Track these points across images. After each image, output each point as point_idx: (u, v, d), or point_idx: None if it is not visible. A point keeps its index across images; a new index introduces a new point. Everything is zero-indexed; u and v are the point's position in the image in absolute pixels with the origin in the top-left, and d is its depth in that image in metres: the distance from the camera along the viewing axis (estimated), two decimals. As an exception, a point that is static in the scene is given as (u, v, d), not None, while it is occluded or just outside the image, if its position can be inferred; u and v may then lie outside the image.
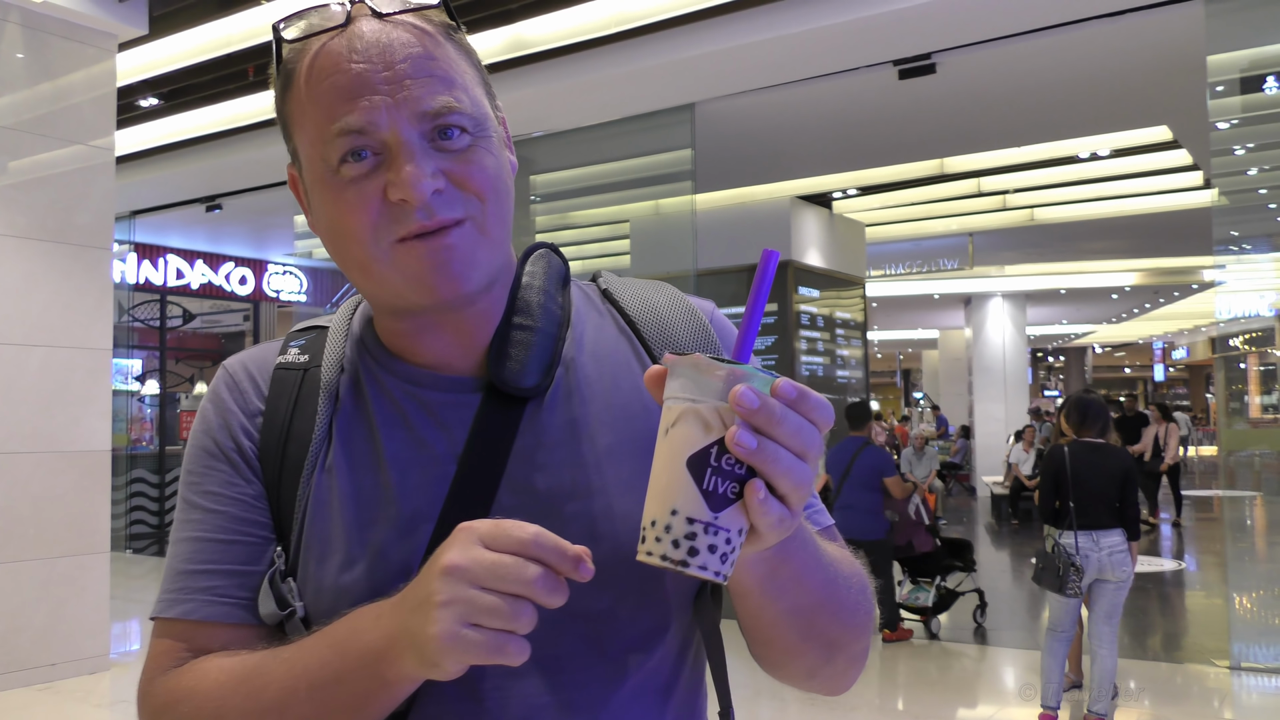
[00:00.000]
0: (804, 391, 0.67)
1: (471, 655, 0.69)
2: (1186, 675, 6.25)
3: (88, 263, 6.09)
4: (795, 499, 0.68)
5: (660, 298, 1.01)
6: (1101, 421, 5.10)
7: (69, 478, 5.92)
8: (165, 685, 0.87)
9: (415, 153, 0.81)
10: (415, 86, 0.82)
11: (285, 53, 0.86)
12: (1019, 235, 13.69)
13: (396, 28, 0.84)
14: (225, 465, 0.93)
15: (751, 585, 0.79)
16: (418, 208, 0.82)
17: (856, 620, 0.89)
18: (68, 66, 6.09)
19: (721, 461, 0.67)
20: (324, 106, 0.83)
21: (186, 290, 13.82)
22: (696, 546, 0.67)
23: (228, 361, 1.00)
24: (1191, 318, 26.75)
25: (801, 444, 0.67)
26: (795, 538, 0.78)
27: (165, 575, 0.92)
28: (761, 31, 6.08)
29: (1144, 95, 7.72)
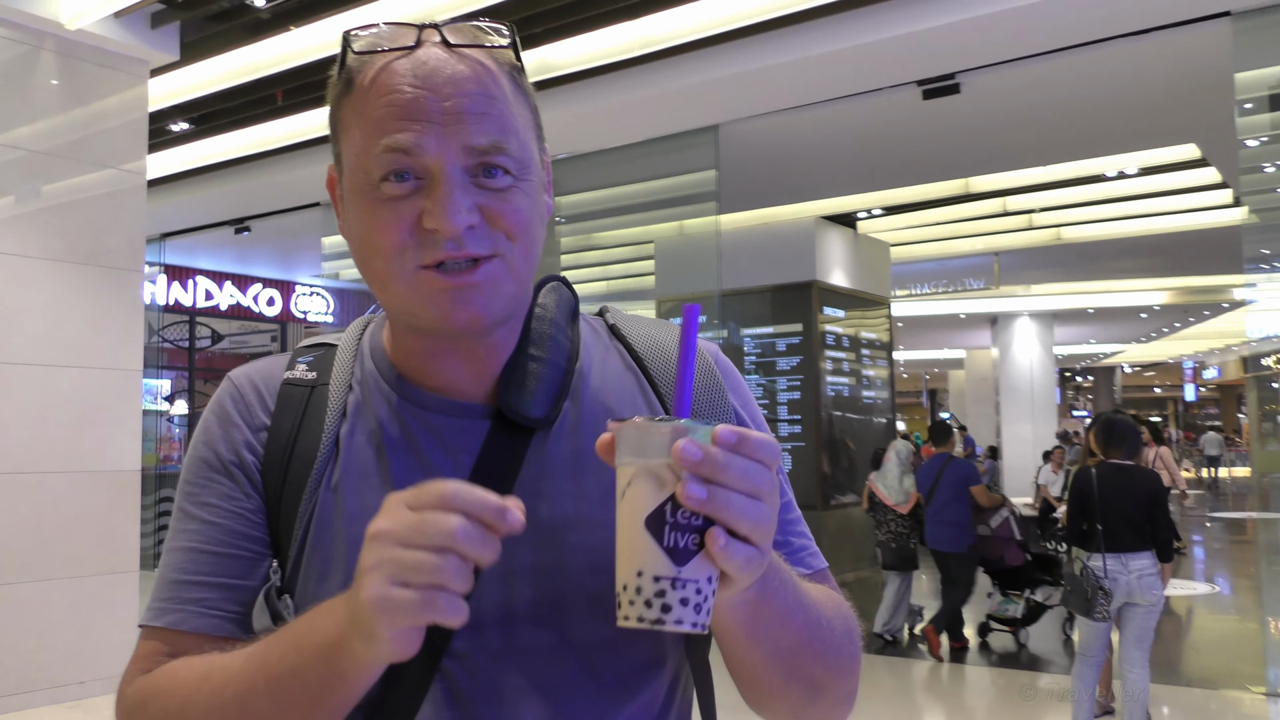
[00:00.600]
0: (743, 435, 0.68)
1: (402, 615, 0.68)
2: (1221, 702, 6.14)
3: (118, 285, 6.17)
4: (758, 537, 0.69)
5: (667, 336, 1.02)
6: (1129, 442, 5.04)
7: (99, 497, 5.98)
8: (139, 685, 0.87)
9: (455, 185, 0.82)
10: (469, 121, 0.83)
11: (349, 60, 0.87)
12: (1045, 254, 13.60)
13: (462, 61, 0.85)
14: (225, 478, 0.93)
15: (734, 628, 0.79)
16: (448, 239, 0.83)
17: (840, 662, 0.89)
18: (100, 92, 6.19)
19: (678, 516, 0.68)
20: (376, 121, 0.84)
21: (215, 311, 13.96)
22: (668, 603, 0.68)
23: (233, 374, 1.00)
24: (1222, 337, 26.46)
25: (751, 485, 0.68)
26: (775, 580, 0.78)
27: (156, 584, 0.92)
28: (785, 53, 6.10)
29: (1171, 113, 7.67)
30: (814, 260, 10.95)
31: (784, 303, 11.06)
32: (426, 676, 0.85)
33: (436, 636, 0.84)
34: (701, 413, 0.96)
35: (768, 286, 11.13)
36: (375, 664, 0.74)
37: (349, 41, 0.87)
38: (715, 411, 0.97)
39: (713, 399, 0.97)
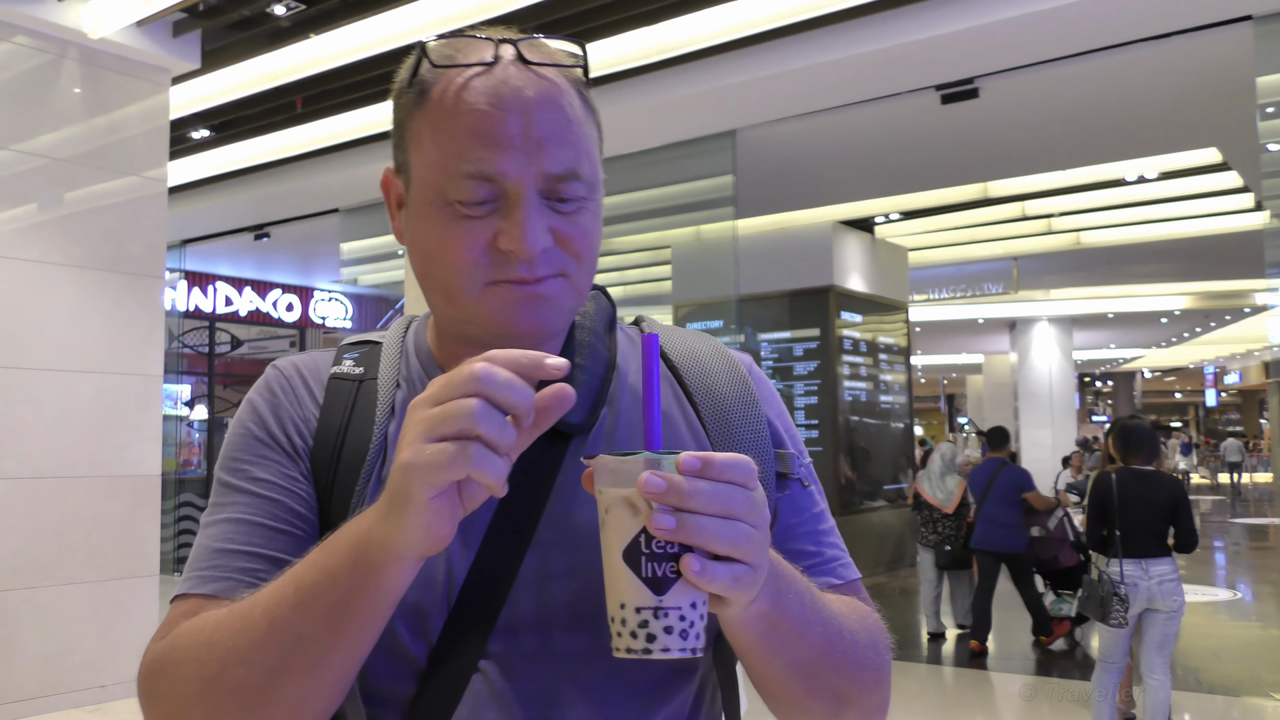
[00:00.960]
0: (708, 459, 0.68)
1: (437, 469, 0.67)
2: (1243, 709, 6.09)
3: (140, 291, 6.22)
4: (742, 555, 0.69)
5: (703, 346, 1.03)
6: (1148, 448, 5.01)
7: (120, 502, 6.03)
8: (167, 638, 0.84)
9: (533, 210, 0.84)
10: (549, 146, 0.84)
11: (424, 71, 0.88)
12: (1065, 259, 13.53)
13: (541, 80, 0.85)
14: (281, 455, 0.92)
15: (751, 642, 0.80)
16: (523, 262, 0.84)
17: (865, 674, 0.89)
18: (122, 100, 6.25)
19: (652, 546, 0.68)
20: (458, 142, 0.84)
21: (235, 317, 14.05)
22: (653, 633, 0.68)
23: (278, 362, 0.99)
24: (1244, 342, 26.25)
25: (723, 507, 0.68)
26: (790, 592, 0.79)
27: (195, 555, 0.89)
28: (803, 58, 6.10)
29: (1192, 117, 7.62)
30: (831, 265, 10.93)
31: (801, 308, 11.05)
32: (463, 677, 0.85)
33: (473, 636, 0.85)
34: (735, 424, 0.97)
35: (785, 291, 11.11)
36: (407, 550, 0.72)
37: (426, 53, 0.87)
38: (748, 423, 0.97)
39: (746, 410, 0.98)
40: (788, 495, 0.98)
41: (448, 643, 0.85)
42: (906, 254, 12.71)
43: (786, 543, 0.95)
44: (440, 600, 0.85)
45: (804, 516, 0.98)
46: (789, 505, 0.97)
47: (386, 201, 0.95)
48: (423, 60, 0.87)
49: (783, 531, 0.96)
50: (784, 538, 0.96)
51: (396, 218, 0.94)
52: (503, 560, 0.87)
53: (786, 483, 0.98)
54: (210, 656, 0.78)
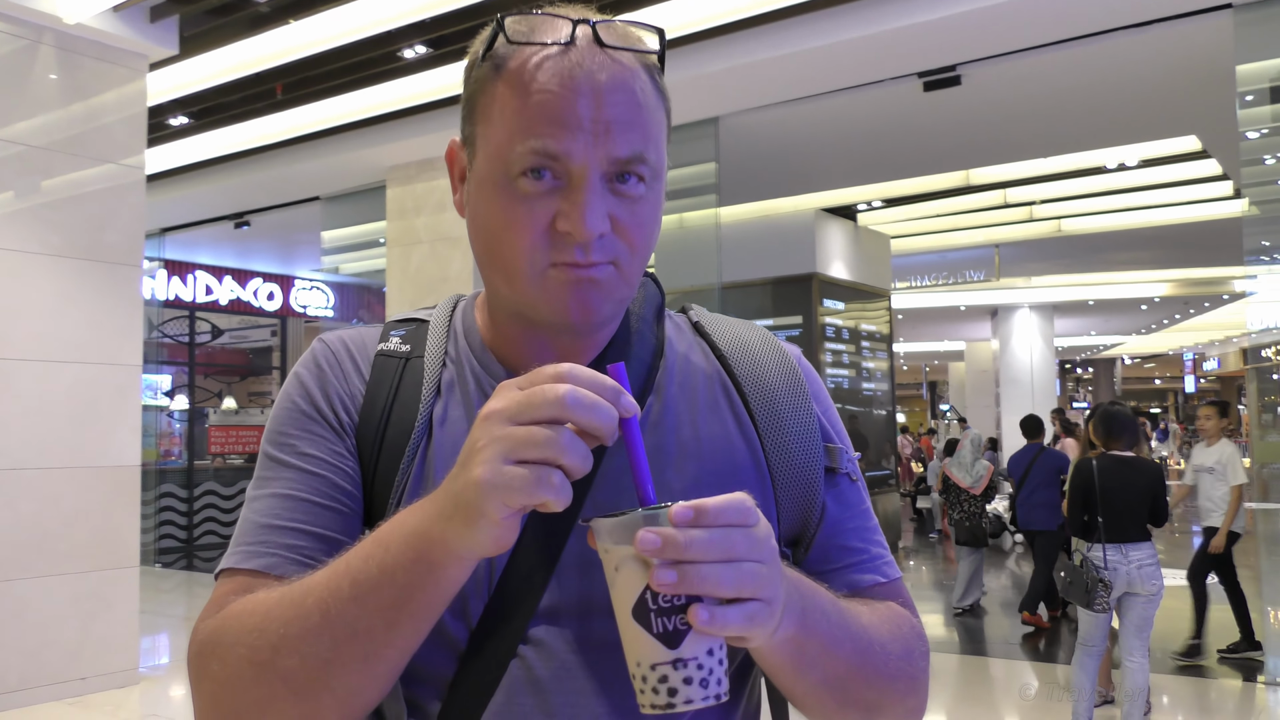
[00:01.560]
0: (700, 507, 0.67)
1: (515, 493, 0.68)
2: (1221, 690, 6.15)
3: (118, 280, 6.16)
4: (752, 593, 0.69)
5: (752, 335, 1.03)
6: (1129, 434, 5.04)
7: (99, 493, 5.99)
8: (217, 617, 0.84)
9: (594, 193, 0.83)
10: (616, 130, 0.83)
11: (499, 45, 0.87)
12: (1046, 246, 13.60)
13: (615, 64, 0.84)
14: (328, 431, 0.92)
15: (779, 664, 0.80)
16: (578, 245, 0.84)
17: (898, 684, 0.89)
18: (99, 87, 6.18)
19: (659, 602, 0.68)
20: (526, 119, 0.83)
21: (215, 306, 13.96)
22: (673, 686, 0.68)
23: (326, 336, 0.99)
24: (1223, 328, 26.45)
25: (723, 552, 0.67)
26: (815, 611, 0.80)
27: (241, 530, 0.89)
28: (785, 45, 6.09)
29: (1172, 105, 7.66)
30: (814, 252, 10.95)
31: (784, 295, 11.06)
32: (503, 660, 0.85)
33: (514, 621, 0.85)
34: (785, 416, 0.96)
35: (768, 279, 11.12)
36: (470, 554, 0.73)
37: (503, 27, 0.85)
38: (798, 415, 0.97)
39: (796, 402, 0.98)
40: (836, 491, 0.97)
41: (488, 627, 0.85)
42: (889, 241, 12.74)
43: (835, 539, 0.96)
44: (483, 583, 0.85)
45: (853, 512, 0.98)
46: (837, 501, 0.97)
47: (450, 173, 0.96)
48: (499, 35, 0.86)
49: (831, 527, 0.96)
50: (832, 533, 0.96)
51: (458, 190, 0.94)
52: (545, 546, 0.86)
53: (835, 478, 0.97)
54: (262, 642, 0.78)
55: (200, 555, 12.15)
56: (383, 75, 7.21)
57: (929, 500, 14.20)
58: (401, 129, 7.85)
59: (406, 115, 7.64)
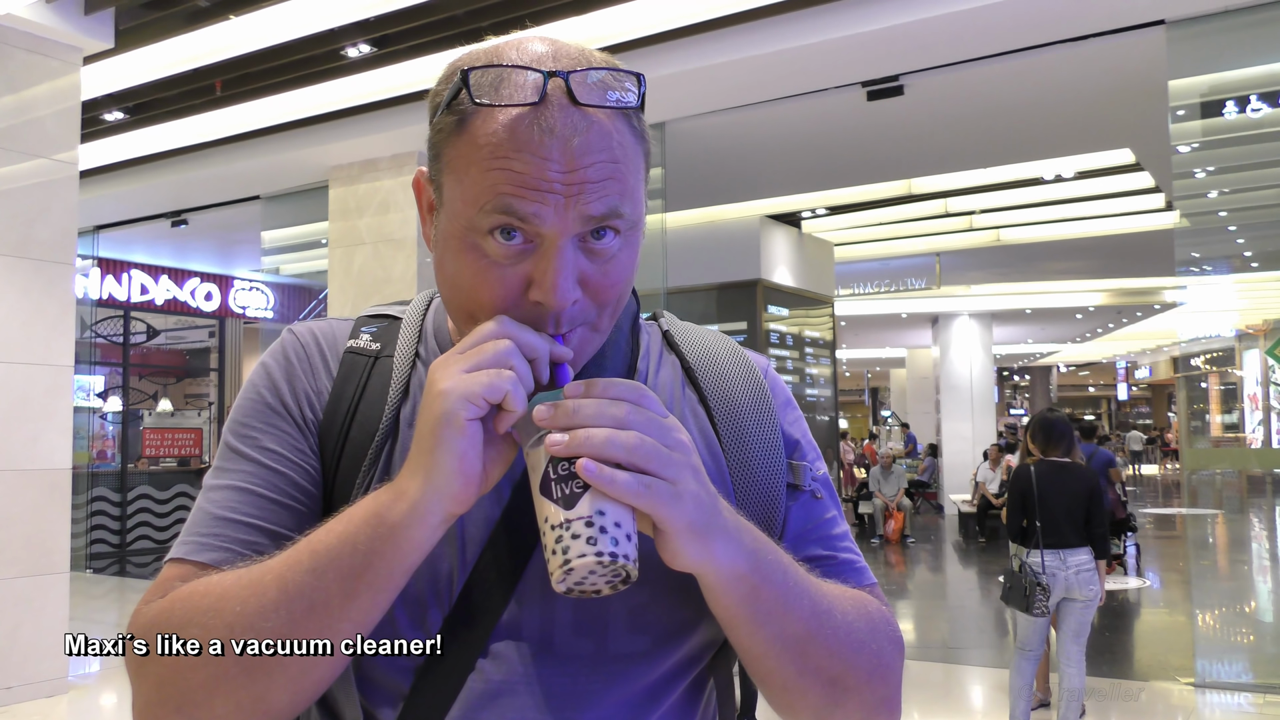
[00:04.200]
0: (590, 381, 0.75)
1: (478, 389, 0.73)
2: (1152, 693, 6.29)
3: (49, 278, 6.00)
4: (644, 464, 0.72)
5: (720, 347, 1.02)
6: (1066, 441, 5.13)
7: (28, 496, 5.81)
8: (163, 600, 0.81)
9: (565, 261, 0.79)
10: (590, 191, 0.79)
11: (463, 101, 0.81)
12: (985, 255, 13.84)
13: (589, 122, 0.80)
14: (290, 427, 0.90)
15: (734, 609, 0.80)
16: (551, 316, 0.81)
17: (861, 659, 0.87)
18: (31, 79, 6.02)
19: (558, 470, 0.72)
20: (491, 180, 0.79)
21: (151, 306, 13.66)
22: (566, 544, 0.71)
23: (296, 328, 0.97)
24: (1154, 338, 27.13)
25: (612, 419, 0.72)
26: (769, 559, 0.80)
27: (194, 519, 0.88)
28: (731, 52, 6.12)
29: (1107, 119, 7.84)
30: (759, 259, 11.02)
31: (729, 301, 11.12)
32: (462, 673, 0.84)
33: (473, 634, 0.84)
34: (748, 429, 0.96)
35: (713, 285, 11.17)
36: (436, 504, 0.74)
37: (467, 85, 0.80)
38: (762, 429, 0.96)
39: (760, 416, 0.97)
40: (799, 505, 0.97)
41: (447, 639, 0.84)
42: (832, 249, 12.87)
43: (798, 549, 0.94)
44: (444, 594, 0.85)
45: (815, 523, 0.97)
46: (799, 513, 0.97)
47: (418, 203, 0.91)
48: (464, 90, 0.81)
49: (794, 538, 0.96)
50: (795, 545, 0.95)
51: (427, 222, 0.90)
52: (508, 560, 0.86)
53: (798, 494, 0.97)
54: (216, 622, 0.76)
55: (133, 560, 11.85)
56: (325, 74, 7.11)
57: (871, 506, 14.34)
58: (344, 129, 7.75)
59: (349, 115, 7.55)
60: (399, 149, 8.00)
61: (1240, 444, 19.36)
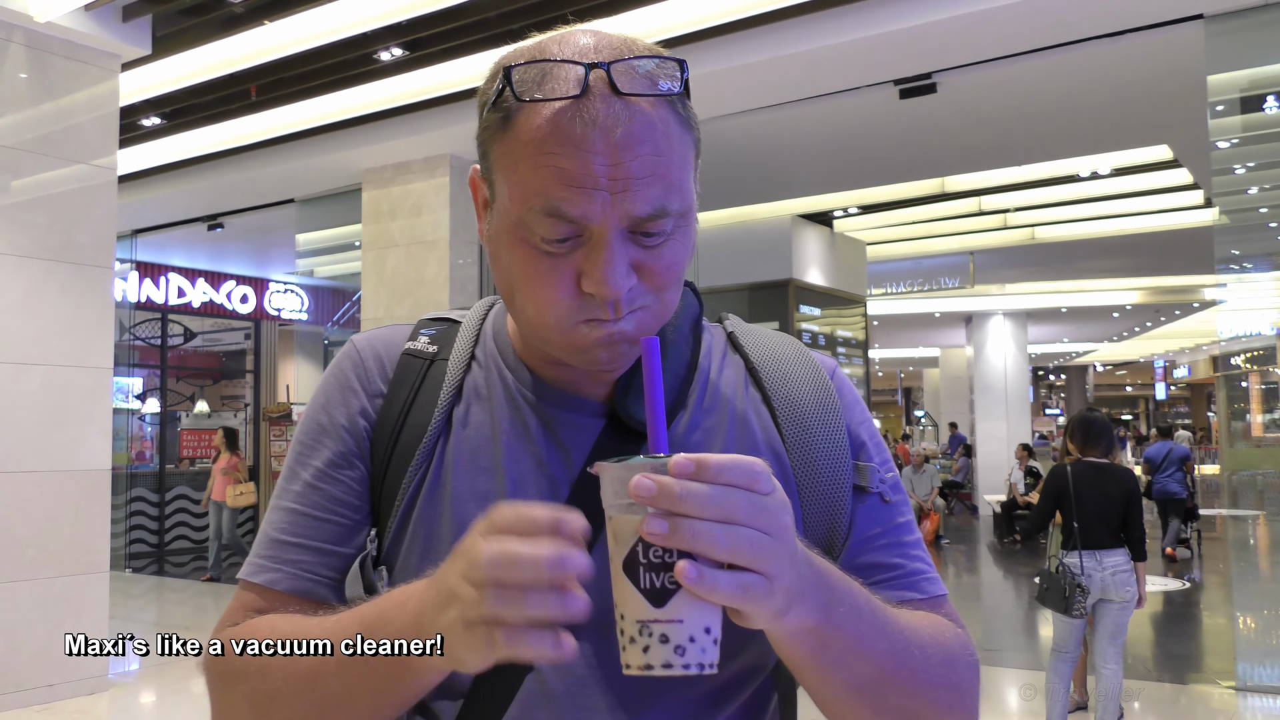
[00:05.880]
0: (702, 461, 0.64)
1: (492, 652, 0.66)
2: (1191, 696, 6.21)
3: (89, 281, 6.09)
4: (750, 563, 0.64)
5: (786, 349, 1.01)
6: (1105, 441, 5.07)
7: (69, 497, 5.90)
8: (227, 635, 0.88)
9: (616, 251, 0.80)
10: (637, 187, 0.79)
11: (507, 97, 0.82)
12: (1020, 254, 13.70)
13: (632, 113, 0.79)
14: (334, 442, 0.94)
15: (802, 659, 0.76)
16: (608, 303, 0.82)
17: (939, 694, 0.85)
18: (71, 86, 6.11)
19: (649, 556, 0.65)
20: (541, 178, 0.79)
21: (188, 309, 13.83)
22: (648, 645, 0.65)
23: (356, 338, 1.00)
24: (1193, 336, 26.74)
25: (720, 511, 0.63)
26: (843, 605, 0.75)
27: (259, 538, 0.94)
28: (762, 51, 6.10)
29: (1144, 114, 7.74)
30: (790, 259, 10.98)
31: (760, 301, 11.08)
32: (520, 674, 0.85)
33: None
34: (813, 431, 0.94)
35: (744, 285, 11.14)
36: (448, 669, 0.73)
37: (510, 80, 0.81)
38: (827, 431, 0.95)
39: (826, 418, 0.96)
40: (865, 508, 0.94)
41: None
42: (865, 248, 12.79)
43: (862, 555, 0.93)
44: None
45: (884, 528, 0.95)
46: (867, 517, 0.94)
47: (474, 200, 0.93)
48: (508, 87, 0.82)
49: (858, 544, 0.93)
50: (860, 550, 0.93)
51: (482, 219, 0.91)
52: None
53: (865, 496, 0.95)
54: (261, 687, 0.82)
55: (171, 560, 12.01)
56: (358, 77, 7.17)
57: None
58: (377, 132, 7.81)
59: (382, 118, 7.60)
60: (431, 152, 8.04)
61: (1282, 444, 19.03)
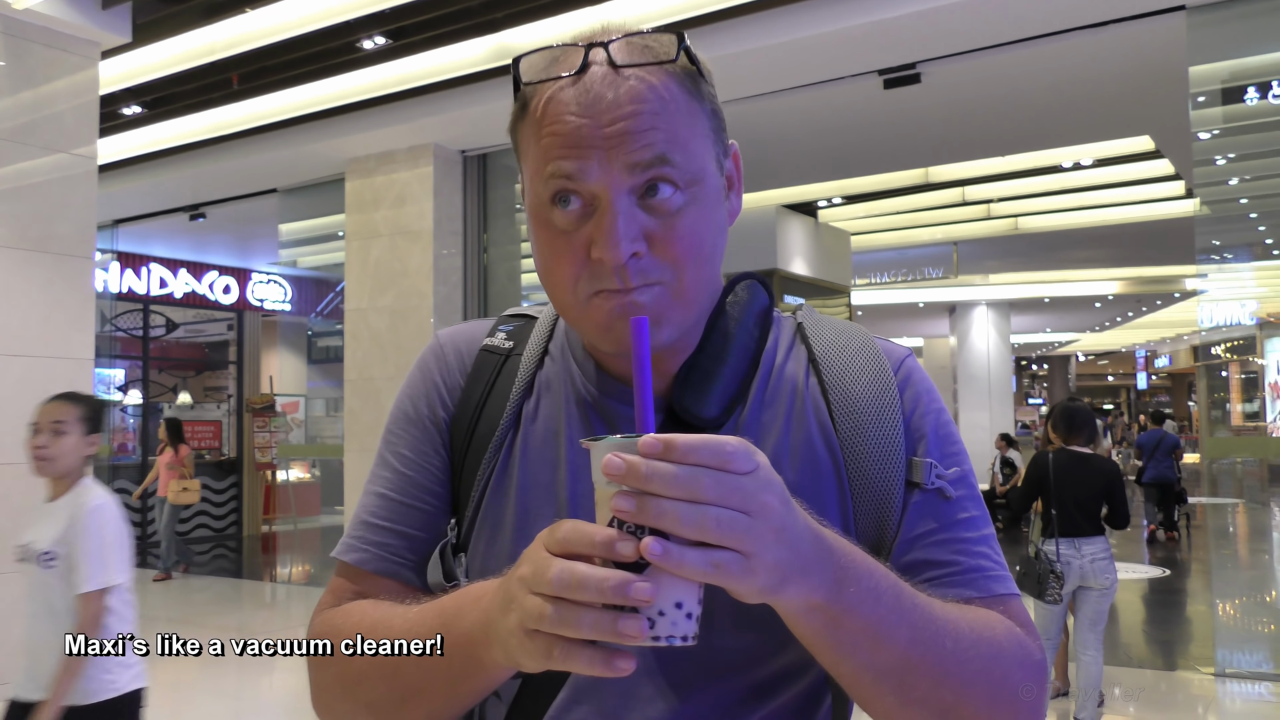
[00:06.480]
0: (669, 441, 0.64)
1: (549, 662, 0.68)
2: (1171, 682, 6.27)
3: (69, 272, 6.04)
4: (721, 541, 0.64)
5: (852, 342, 1.00)
6: (1088, 431, 5.11)
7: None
8: (324, 619, 0.94)
9: (620, 213, 0.83)
10: (630, 140, 0.82)
11: (523, 83, 0.88)
12: (1003, 244, 13.75)
13: (628, 79, 0.84)
14: (419, 432, 1.00)
15: (813, 637, 0.75)
16: (614, 269, 0.84)
17: (977, 689, 0.81)
18: (49, 74, 6.05)
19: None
20: (544, 150, 0.85)
21: (170, 299, 13.73)
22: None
23: (440, 333, 1.06)
24: (1174, 326, 26.91)
25: (688, 490, 0.63)
26: (856, 587, 0.74)
27: (352, 520, 1.00)
28: (747, 41, 6.09)
29: (1126, 105, 7.77)
30: (775, 248, 10.98)
31: (745, 291, 11.08)
32: None
33: None
34: (866, 426, 0.93)
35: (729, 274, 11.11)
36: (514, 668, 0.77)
37: (517, 69, 0.87)
38: (881, 425, 0.94)
39: (881, 412, 0.94)
40: (920, 504, 0.92)
41: None
42: (849, 238, 12.82)
43: (911, 552, 0.91)
44: None
45: (940, 524, 0.92)
46: (920, 514, 0.92)
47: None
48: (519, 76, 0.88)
49: (907, 541, 0.91)
50: (909, 547, 0.91)
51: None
52: None
53: (920, 492, 0.92)
54: (350, 670, 0.88)
55: (154, 553, 11.95)
56: (342, 66, 7.13)
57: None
58: (361, 121, 7.76)
59: (366, 107, 7.56)
60: (415, 141, 8.01)
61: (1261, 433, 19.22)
